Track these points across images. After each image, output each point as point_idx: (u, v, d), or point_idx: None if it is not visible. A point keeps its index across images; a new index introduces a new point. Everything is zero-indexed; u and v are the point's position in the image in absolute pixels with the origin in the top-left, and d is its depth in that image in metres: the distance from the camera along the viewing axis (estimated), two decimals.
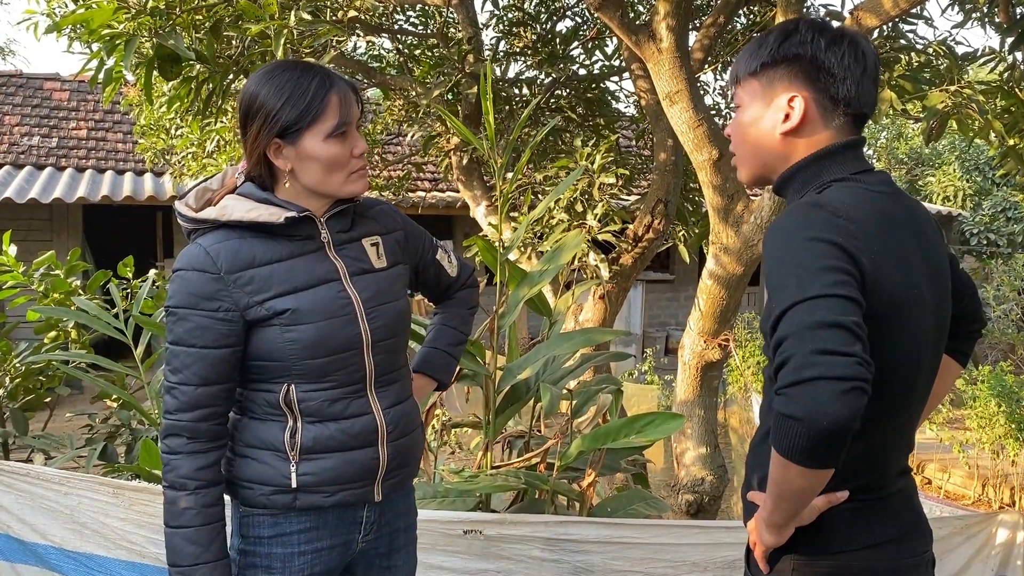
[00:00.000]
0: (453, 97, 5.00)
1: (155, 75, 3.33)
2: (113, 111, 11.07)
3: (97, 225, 10.80)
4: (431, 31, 5.47)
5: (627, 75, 5.28)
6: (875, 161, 16.52)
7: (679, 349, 3.81)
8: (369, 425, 1.50)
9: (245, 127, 1.45)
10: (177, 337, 1.40)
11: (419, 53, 5.71)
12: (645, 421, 2.20)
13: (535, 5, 5.50)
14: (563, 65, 5.31)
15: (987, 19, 4.01)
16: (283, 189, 1.48)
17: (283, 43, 3.08)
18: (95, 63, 3.26)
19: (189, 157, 6.22)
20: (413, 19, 5.60)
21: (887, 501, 1.33)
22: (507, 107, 5.24)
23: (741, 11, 5.02)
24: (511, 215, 4.59)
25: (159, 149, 6.95)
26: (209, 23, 3.44)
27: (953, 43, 4.16)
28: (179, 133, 6.08)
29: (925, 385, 1.35)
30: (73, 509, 2.18)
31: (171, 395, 1.41)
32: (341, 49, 4.46)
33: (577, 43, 5.48)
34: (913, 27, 3.99)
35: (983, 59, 3.94)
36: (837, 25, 1.34)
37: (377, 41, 5.80)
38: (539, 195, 4.86)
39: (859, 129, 1.35)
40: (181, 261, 1.42)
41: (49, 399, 3.91)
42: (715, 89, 10.66)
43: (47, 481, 2.20)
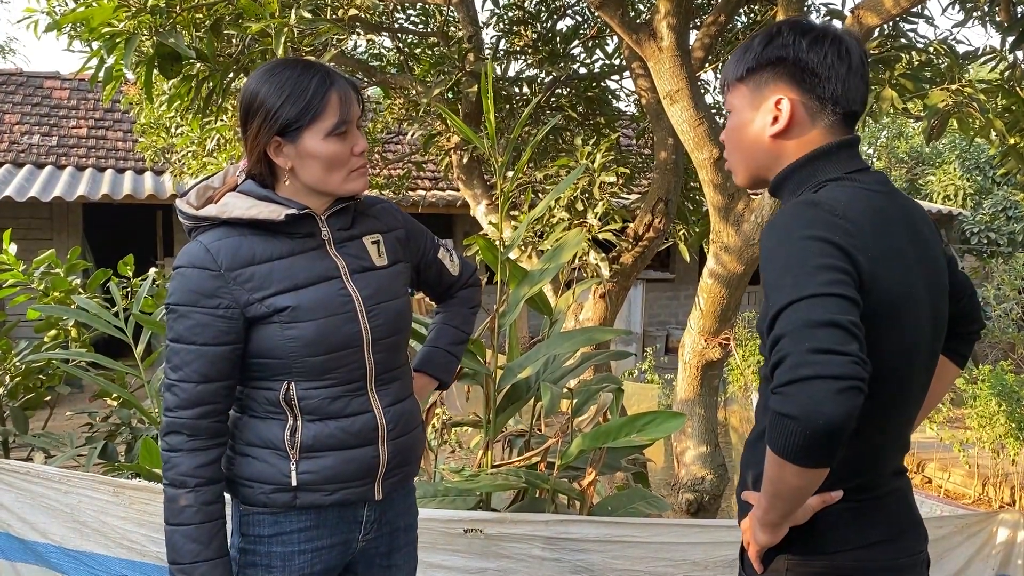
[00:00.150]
0: (453, 96, 5.00)
1: (155, 73, 3.33)
2: (113, 109, 11.06)
3: (97, 224, 10.79)
4: (431, 30, 5.47)
5: (628, 74, 5.28)
6: (875, 160, 16.52)
7: (679, 348, 3.81)
8: (369, 423, 1.49)
9: (245, 125, 1.45)
10: (177, 334, 1.40)
11: (419, 52, 5.71)
12: (645, 420, 2.20)
13: (535, 4, 5.49)
14: (563, 64, 5.31)
15: (988, 18, 4.01)
16: (283, 187, 1.48)
17: (283, 41, 3.08)
18: (95, 61, 3.26)
19: (189, 156, 6.22)
20: (413, 18, 5.60)
21: (882, 501, 1.32)
22: (507, 106, 5.23)
23: (742, 10, 5.02)
24: (511, 214, 4.59)
25: (159, 148, 6.95)
26: (209, 21, 3.44)
27: (954, 42, 4.17)
28: (179, 132, 6.08)
29: (921, 385, 1.35)
30: (73, 508, 2.18)
31: (171, 392, 1.41)
32: (341, 47, 4.46)
33: (577, 42, 5.49)
34: (914, 26, 3.99)
35: (984, 58, 3.94)
36: (821, 24, 1.34)
37: (377, 40, 5.80)
38: (539, 194, 4.86)
39: (851, 128, 1.35)
40: (182, 258, 1.42)
41: (49, 398, 3.91)
42: (716, 88, 10.60)
43: (47, 480, 2.20)
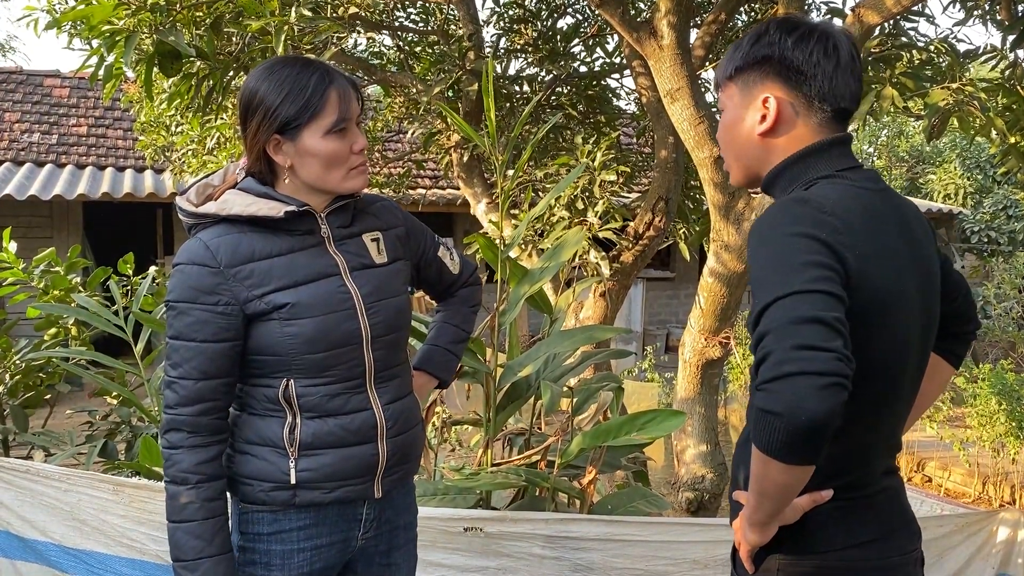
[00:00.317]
0: (454, 94, 4.99)
1: (155, 72, 3.32)
2: (113, 108, 11.05)
3: (97, 222, 10.79)
4: (432, 28, 5.47)
5: (628, 72, 5.28)
6: (876, 159, 16.52)
7: (680, 347, 3.81)
8: (368, 421, 1.49)
9: (245, 123, 1.45)
10: (177, 331, 1.40)
11: (420, 50, 5.71)
12: (646, 419, 2.19)
13: (536, 2, 5.50)
14: (564, 62, 5.31)
15: (989, 17, 4.01)
16: (283, 185, 1.48)
17: (283, 39, 3.08)
18: (95, 60, 3.26)
19: (189, 154, 6.23)
20: (414, 16, 5.60)
21: (872, 500, 1.32)
22: (508, 104, 5.23)
23: (742, 8, 5.02)
24: (512, 212, 4.59)
25: (159, 146, 6.96)
26: (209, 19, 3.44)
27: (955, 41, 4.16)
28: (179, 130, 6.08)
29: (911, 384, 1.34)
30: (73, 506, 2.18)
31: (171, 389, 1.41)
32: (341, 46, 4.46)
33: (578, 40, 5.48)
34: (915, 24, 3.99)
35: (984, 57, 3.94)
36: (809, 21, 1.34)
37: (378, 38, 5.80)
38: (540, 192, 4.86)
39: (843, 125, 1.35)
40: (181, 255, 1.42)
41: (49, 396, 3.91)
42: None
43: (47, 478, 2.20)
